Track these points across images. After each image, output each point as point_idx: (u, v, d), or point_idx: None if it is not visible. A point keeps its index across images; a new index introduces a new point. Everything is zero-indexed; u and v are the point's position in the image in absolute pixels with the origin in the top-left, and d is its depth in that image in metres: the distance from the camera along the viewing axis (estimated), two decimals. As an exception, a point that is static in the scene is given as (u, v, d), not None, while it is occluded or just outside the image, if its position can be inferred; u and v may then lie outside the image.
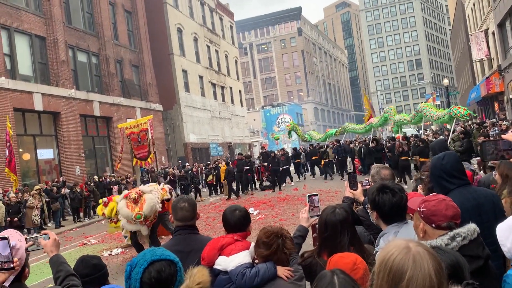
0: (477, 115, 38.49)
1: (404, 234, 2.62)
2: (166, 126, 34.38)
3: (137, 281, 1.85)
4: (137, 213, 8.20)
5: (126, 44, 30.25)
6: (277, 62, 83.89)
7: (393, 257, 1.40)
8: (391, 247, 1.44)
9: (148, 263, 1.88)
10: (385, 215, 2.71)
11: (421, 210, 2.27)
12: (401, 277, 1.35)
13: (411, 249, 1.41)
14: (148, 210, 8.20)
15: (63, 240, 14.51)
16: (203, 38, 41.66)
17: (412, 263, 1.37)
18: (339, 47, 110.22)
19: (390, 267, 1.39)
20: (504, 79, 29.85)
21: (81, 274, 2.80)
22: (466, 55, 44.72)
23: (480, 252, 2.08)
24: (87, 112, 25.16)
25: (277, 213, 13.63)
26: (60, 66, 23.10)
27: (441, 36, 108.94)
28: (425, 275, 1.34)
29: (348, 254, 2.43)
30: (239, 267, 2.88)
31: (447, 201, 2.26)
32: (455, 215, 2.22)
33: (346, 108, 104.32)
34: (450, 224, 2.18)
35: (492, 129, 16.09)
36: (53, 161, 22.99)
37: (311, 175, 26.00)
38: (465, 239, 2.08)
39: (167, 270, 1.88)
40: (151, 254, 1.93)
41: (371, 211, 2.85)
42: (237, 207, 3.26)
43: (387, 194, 2.68)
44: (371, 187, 2.95)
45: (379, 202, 2.70)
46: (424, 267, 1.36)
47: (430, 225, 2.23)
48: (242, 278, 2.83)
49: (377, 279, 1.43)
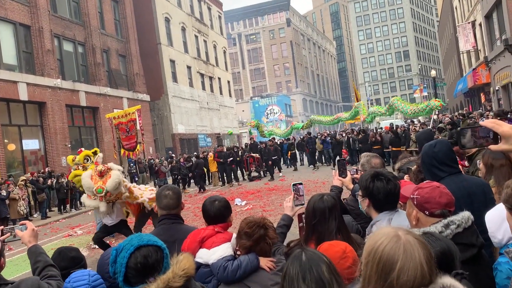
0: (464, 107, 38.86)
1: (398, 221, 2.59)
2: (154, 116, 34.13)
3: (123, 266, 1.82)
4: (99, 186, 7.95)
5: (113, 34, 29.86)
6: (266, 53, 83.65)
7: (382, 246, 1.35)
8: (379, 236, 1.39)
9: (134, 248, 1.84)
10: (378, 203, 2.67)
11: (415, 197, 2.23)
12: (392, 267, 1.31)
13: (401, 237, 1.36)
14: (111, 186, 7.92)
15: (49, 232, 14.37)
16: (191, 28, 41.30)
17: (403, 252, 1.32)
18: (328, 38, 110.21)
19: (379, 257, 1.34)
20: (490, 71, 30.09)
21: (58, 267, 2.71)
22: (453, 47, 44.98)
23: (474, 240, 2.05)
24: (73, 102, 24.83)
25: (265, 203, 13.61)
26: (45, 55, 22.71)
27: (428, 28, 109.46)
28: (416, 264, 1.30)
29: (337, 242, 2.38)
30: (220, 260, 2.82)
31: (441, 189, 2.22)
32: (449, 203, 2.18)
33: (334, 100, 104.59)
34: (444, 211, 2.14)
35: (480, 119, 16.19)
36: (38, 151, 22.69)
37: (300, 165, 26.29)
38: (459, 227, 2.04)
39: (153, 256, 1.85)
40: (138, 239, 1.89)
41: (363, 199, 2.80)
42: (217, 198, 3.19)
43: (381, 182, 2.65)
44: (365, 174, 2.91)
45: (373, 189, 2.66)
46: (415, 256, 1.31)
47: (423, 213, 2.19)
48: (224, 271, 2.77)
49: (366, 269, 1.38)
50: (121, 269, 1.82)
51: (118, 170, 8.35)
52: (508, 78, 25.68)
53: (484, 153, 3.67)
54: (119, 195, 8.23)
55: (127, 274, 1.82)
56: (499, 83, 28.04)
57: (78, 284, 2.37)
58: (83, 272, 2.46)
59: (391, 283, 1.30)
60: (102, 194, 7.94)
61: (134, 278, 1.82)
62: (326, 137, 24.51)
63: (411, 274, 1.29)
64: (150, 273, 1.82)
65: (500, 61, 27.09)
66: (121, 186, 8.12)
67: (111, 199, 8.20)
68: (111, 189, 7.90)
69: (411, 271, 1.29)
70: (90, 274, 2.46)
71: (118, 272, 1.83)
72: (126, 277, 1.83)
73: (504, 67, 26.42)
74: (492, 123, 1.77)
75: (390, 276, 1.30)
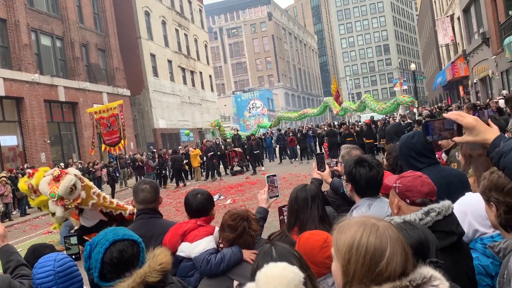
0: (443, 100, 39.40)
1: (378, 207, 2.62)
2: (135, 111, 33.78)
3: (98, 261, 1.78)
4: (52, 191, 7.83)
5: (92, 28, 29.41)
6: (248, 47, 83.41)
7: (365, 238, 1.31)
8: (355, 228, 1.35)
9: (110, 243, 1.81)
10: (360, 188, 2.73)
11: (397, 186, 2.25)
12: (381, 256, 1.28)
13: (378, 226, 1.33)
14: (62, 190, 7.80)
15: (28, 229, 14.15)
16: (172, 22, 40.91)
17: (389, 240, 1.30)
18: (309, 33, 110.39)
19: (365, 249, 1.30)
20: (468, 64, 30.56)
21: (32, 264, 2.64)
22: (433, 40, 45.52)
23: (454, 228, 2.07)
24: (52, 97, 24.43)
25: (247, 197, 13.61)
26: (22, 49, 22.27)
27: (408, 22, 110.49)
28: (402, 248, 1.30)
29: (319, 231, 2.39)
30: (203, 254, 2.80)
31: (423, 178, 2.24)
32: (430, 192, 2.20)
33: (316, 94, 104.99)
34: (425, 200, 2.16)
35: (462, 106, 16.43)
36: (17, 148, 22.28)
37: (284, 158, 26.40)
38: (439, 214, 2.06)
39: (129, 251, 1.82)
40: (113, 233, 1.86)
41: (346, 183, 2.86)
42: (199, 191, 3.17)
43: (364, 168, 2.69)
44: (349, 159, 2.95)
45: (355, 175, 2.71)
46: (399, 241, 1.31)
47: (404, 201, 2.21)
48: (207, 264, 2.75)
49: (349, 265, 1.33)
50: (96, 264, 1.78)
51: (75, 175, 8.17)
52: (486, 71, 26.12)
53: (462, 145, 3.71)
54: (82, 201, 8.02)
55: (103, 269, 1.79)
56: (477, 76, 28.50)
57: (42, 271, 2.26)
58: (49, 258, 2.31)
59: (380, 272, 1.28)
60: (55, 199, 7.79)
61: (110, 274, 1.79)
62: (308, 131, 24.75)
63: (399, 259, 1.28)
64: (126, 268, 1.79)
65: (478, 54, 27.52)
66: (77, 191, 7.92)
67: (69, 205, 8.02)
68: (63, 194, 7.76)
69: (399, 256, 1.28)
70: (56, 259, 2.31)
71: (93, 267, 1.79)
72: (101, 273, 1.79)
73: (482, 60, 26.85)
74: (456, 115, 1.76)
75: (380, 265, 1.28)
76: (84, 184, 8.17)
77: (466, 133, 1.75)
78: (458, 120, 1.74)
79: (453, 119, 1.75)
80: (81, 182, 8.11)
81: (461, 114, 1.76)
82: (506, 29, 21.25)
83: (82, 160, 23.73)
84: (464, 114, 1.76)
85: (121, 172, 22.89)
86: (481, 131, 1.72)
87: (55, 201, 7.87)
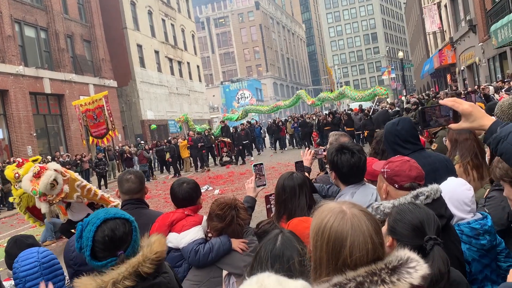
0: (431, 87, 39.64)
1: (361, 195, 2.62)
2: (122, 103, 33.48)
3: (89, 240, 1.74)
4: (33, 188, 7.76)
5: (77, 18, 28.98)
6: (235, 37, 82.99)
7: (329, 224, 1.31)
8: (324, 213, 1.35)
9: (101, 221, 1.77)
10: (343, 176, 2.71)
11: (385, 170, 2.25)
12: (342, 244, 1.27)
13: (346, 212, 1.33)
14: (42, 187, 7.72)
15: (16, 223, 14.01)
16: (158, 12, 40.48)
17: (351, 227, 1.29)
18: (297, 22, 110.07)
19: (328, 235, 1.30)
20: (456, 51, 30.71)
21: (14, 255, 2.61)
22: (420, 28, 45.63)
23: (443, 211, 2.08)
24: (37, 89, 24.09)
25: (237, 188, 13.60)
26: (5, 41, 21.89)
27: (396, 10, 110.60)
28: (366, 237, 1.28)
29: (307, 218, 2.37)
30: (191, 244, 2.77)
31: (411, 162, 2.25)
32: (418, 176, 2.21)
33: (304, 83, 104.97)
34: (413, 184, 2.18)
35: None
36: (2, 141, 21.99)
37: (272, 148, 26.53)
38: (428, 197, 2.06)
39: (121, 229, 1.78)
40: (104, 212, 1.82)
41: (330, 171, 2.84)
42: (185, 180, 3.14)
43: (345, 155, 2.66)
44: (330, 147, 2.93)
45: (337, 163, 2.68)
46: (363, 229, 1.29)
47: (393, 186, 2.21)
48: (195, 255, 2.72)
49: (315, 251, 1.34)
50: (88, 243, 1.74)
51: (55, 170, 8.07)
52: (473, 58, 26.27)
53: (448, 130, 3.73)
54: (67, 195, 7.95)
55: (94, 248, 1.75)
56: (464, 63, 28.67)
57: (27, 263, 2.29)
58: (31, 250, 2.36)
59: (344, 261, 1.27)
60: (37, 196, 7.72)
61: (102, 252, 1.74)
62: (297, 121, 24.94)
63: (363, 248, 1.27)
64: (118, 246, 1.75)
65: (465, 41, 27.66)
66: (59, 186, 7.84)
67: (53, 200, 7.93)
68: (44, 190, 7.67)
69: (362, 245, 1.27)
70: (39, 251, 2.36)
71: (85, 246, 1.75)
72: (93, 252, 1.75)
73: (469, 48, 27.00)
74: (452, 101, 1.75)
75: (342, 254, 1.27)
76: (67, 177, 8.07)
77: (462, 119, 1.73)
78: (454, 107, 1.73)
79: (449, 105, 1.73)
80: (63, 176, 8.00)
81: (457, 100, 1.75)
82: (493, 16, 21.35)
83: (70, 153, 23.50)
84: (460, 101, 1.74)
85: (109, 164, 22.73)
86: (478, 117, 1.70)
87: (38, 198, 7.78)
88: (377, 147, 3.86)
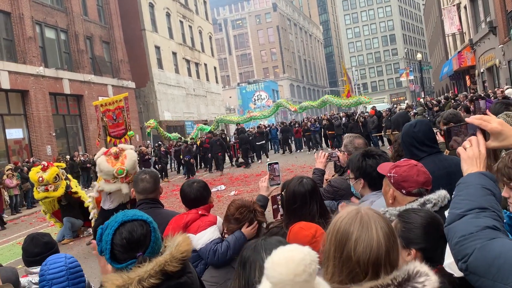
0: (450, 90, 39.12)
1: (381, 204, 2.53)
2: (140, 104, 33.80)
3: (108, 243, 1.76)
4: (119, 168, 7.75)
5: (96, 20, 29.38)
6: (252, 39, 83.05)
7: (340, 219, 1.38)
8: (342, 213, 1.41)
9: (119, 224, 1.78)
10: (372, 180, 2.60)
11: (392, 175, 2.20)
12: (348, 237, 1.32)
13: (360, 212, 1.37)
14: (130, 165, 7.76)
15: (35, 221, 14.24)
16: (176, 14, 40.78)
17: (359, 223, 1.33)
18: (314, 23, 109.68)
19: (337, 230, 1.36)
20: (475, 53, 30.26)
21: (31, 253, 2.68)
22: (439, 30, 45.08)
23: None
24: (57, 90, 24.48)
25: (252, 189, 13.60)
26: (27, 42, 22.30)
27: (414, 11, 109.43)
28: (372, 235, 1.30)
29: (309, 225, 2.34)
30: (209, 244, 2.78)
31: (418, 167, 2.19)
32: (426, 182, 2.16)
33: (321, 85, 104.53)
34: (421, 190, 2.13)
35: (464, 101, 16.32)
36: (23, 140, 22.39)
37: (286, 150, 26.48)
38: (435, 205, 2.03)
39: (139, 230, 1.79)
40: (122, 215, 1.84)
41: (356, 181, 2.73)
42: (195, 180, 3.17)
43: (373, 158, 2.61)
44: (354, 155, 2.86)
45: (366, 168, 2.61)
46: (371, 228, 1.32)
47: (400, 191, 2.16)
48: (214, 255, 2.73)
49: (326, 243, 1.40)
50: (107, 246, 1.76)
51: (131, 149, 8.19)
52: (493, 60, 25.85)
53: None
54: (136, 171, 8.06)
55: (114, 251, 1.77)
56: (484, 66, 28.22)
57: (55, 266, 2.39)
58: (59, 255, 2.48)
59: (348, 254, 1.31)
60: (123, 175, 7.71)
61: (121, 254, 1.76)
62: (314, 123, 24.85)
63: (367, 245, 1.29)
64: (136, 248, 1.77)
65: (484, 43, 27.23)
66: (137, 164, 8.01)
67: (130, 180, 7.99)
68: (131, 168, 7.73)
69: (366, 242, 1.29)
70: (67, 257, 2.48)
71: (104, 250, 1.77)
72: (112, 254, 1.77)
73: (489, 50, 26.57)
74: (478, 120, 1.66)
75: (347, 246, 1.31)
76: None
77: (491, 138, 1.63)
78: (481, 126, 1.64)
79: (476, 124, 1.65)
80: None
81: (484, 118, 1.66)
82: (514, 17, 20.99)
83: (88, 153, 23.80)
84: (487, 118, 1.66)
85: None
86: (508, 135, 1.61)
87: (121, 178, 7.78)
88: (400, 149, 3.81)
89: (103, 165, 7.87)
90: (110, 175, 7.78)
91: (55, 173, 9.56)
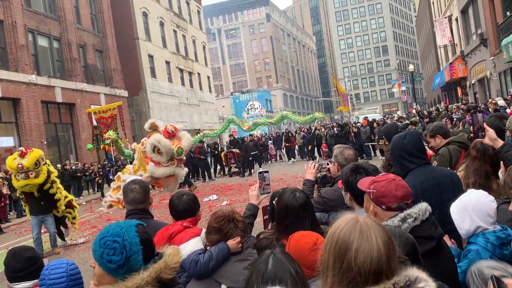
0: (442, 101, 39.43)
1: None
2: (132, 112, 33.71)
3: (138, 244, 1.72)
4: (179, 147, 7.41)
5: (89, 28, 29.35)
6: (246, 48, 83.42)
7: (339, 229, 1.37)
8: (340, 221, 1.41)
9: (135, 226, 1.79)
10: (359, 196, 2.57)
11: (371, 191, 2.17)
12: (348, 247, 1.32)
13: (359, 220, 1.37)
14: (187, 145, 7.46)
15: (24, 230, 14.07)
16: (170, 23, 40.87)
17: (359, 233, 1.32)
18: (308, 34, 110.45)
19: (336, 239, 1.35)
20: (467, 65, 30.57)
21: (14, 268, 2.61)
22: (431, 41, 45.54)
23: (432, 232, 2.03)
24: (49, 98, 24.36)
25: (245, 198, 13.56)
26: (19, 50, 22.20)
27: (406, 23, 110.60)
28: (372, 245, 1.30)
29: (309, 233, 2.31)
30: (191, 255, 2.75)
31: (396, 181, 2.16)
32: (405, 195, 2.13)
33: (314, 95, 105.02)
34: (401, 205, 2.10)
35: (456, 112, 16.47)
36: (14, 149, 22.14)
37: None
38: (416, 220, 2.01)
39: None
40: (128, 221, 1.84)
41: (345, 193, 2.75)
42: (184, 192, 3.15)
43: (361, 175, 2.60)
44: (345, 168, 2.85)
45: (353, 183, 2.60)
46: (371, 237, 1.31)
47: (380, 207, 2.14)
48: (196, 265, 2.71)
49: (325, 252, 1.40)
50: (138, 248, 1.71)
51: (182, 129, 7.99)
52: (484, 72, 26.12)
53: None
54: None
55: (145, 250, 1.74)
56: (475, 77, 28.50)
57: (56, 272, 2.40)
58: (61, 261, 2.49)
59: (349, 265, 1.30)
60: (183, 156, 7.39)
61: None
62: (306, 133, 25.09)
63: (367, 255, 1.29)
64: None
65: (476, 55, 27.53)
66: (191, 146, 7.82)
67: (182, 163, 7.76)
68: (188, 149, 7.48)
69: (366, 251, 1.29)
70: (68, 263, 2.49)
71: (135, 252, 1.70)
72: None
73: (480, 61, 26.85)
74: None
75: (347, 257, 1.31)
76: None
77: None
78: None
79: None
80: None
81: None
82: (504, 30, 21.24)
83: (79, 161, 23.65)
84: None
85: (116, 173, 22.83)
86: None
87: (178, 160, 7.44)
88: (391, 159, 3.82)
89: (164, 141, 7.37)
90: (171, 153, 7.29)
91: (35, 158, 8.88)
